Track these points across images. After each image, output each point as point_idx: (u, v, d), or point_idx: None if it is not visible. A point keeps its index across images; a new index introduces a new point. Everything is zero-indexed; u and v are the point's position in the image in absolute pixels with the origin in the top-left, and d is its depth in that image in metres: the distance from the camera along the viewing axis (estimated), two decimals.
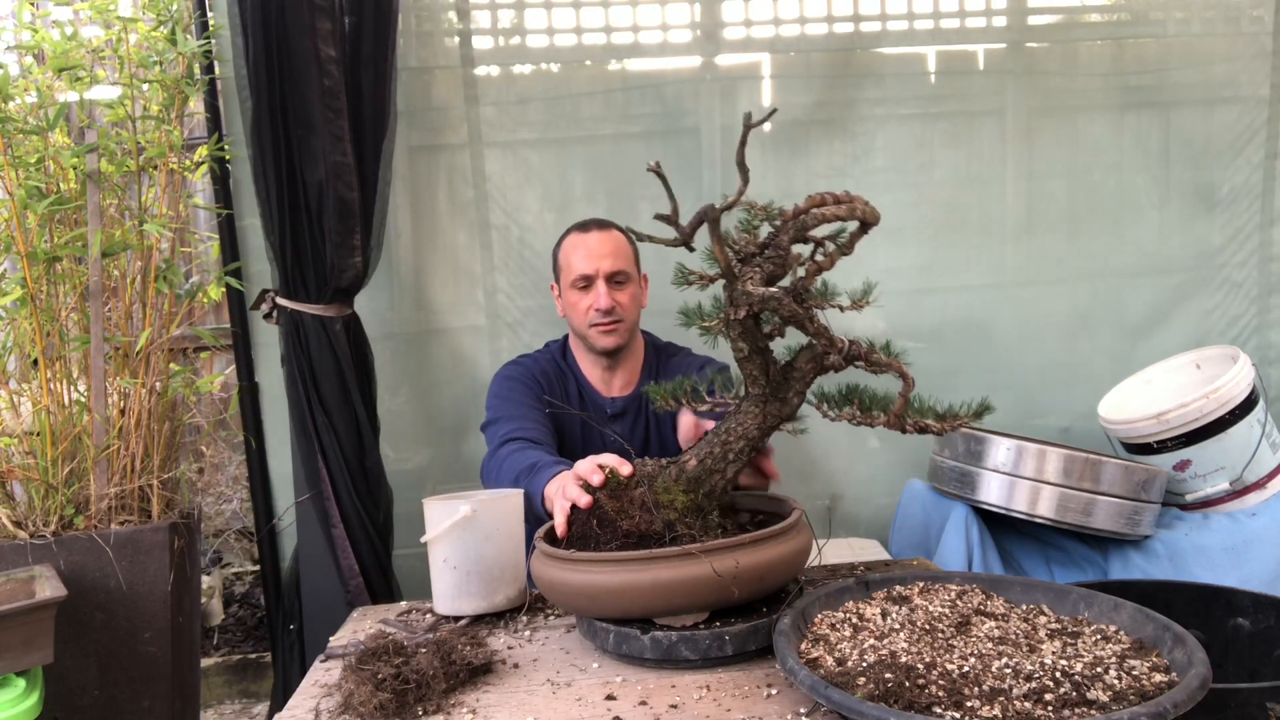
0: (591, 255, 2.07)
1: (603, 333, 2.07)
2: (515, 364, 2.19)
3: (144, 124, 2.25)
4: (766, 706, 1.16)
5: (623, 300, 2.07)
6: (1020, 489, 2.45)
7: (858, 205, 1.26)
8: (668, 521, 1.31)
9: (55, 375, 2.16)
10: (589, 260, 2.06)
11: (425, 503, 1.55)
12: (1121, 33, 2.92)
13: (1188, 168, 2.91)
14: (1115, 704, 0.99)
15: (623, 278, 2.08)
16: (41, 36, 2.15)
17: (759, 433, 1.35)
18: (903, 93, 2.82)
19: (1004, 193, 2.88)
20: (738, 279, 1.25)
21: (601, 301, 2.04)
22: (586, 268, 2.06)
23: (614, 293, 2.07)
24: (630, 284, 2.10)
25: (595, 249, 2.07)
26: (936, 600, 1.28)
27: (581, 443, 2.13)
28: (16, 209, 2.07)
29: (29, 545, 1.98)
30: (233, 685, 3.16)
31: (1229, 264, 2.94)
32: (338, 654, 1.42)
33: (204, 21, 2.40)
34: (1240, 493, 2.54)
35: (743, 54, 2.80)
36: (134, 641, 2.06)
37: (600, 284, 2.06)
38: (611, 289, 2.06)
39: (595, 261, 2.06)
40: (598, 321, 2.05)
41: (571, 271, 2.08)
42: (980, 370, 2.86)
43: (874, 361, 1.28)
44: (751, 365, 1.31)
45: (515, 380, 2.12)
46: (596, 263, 2.06)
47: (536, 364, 2.16)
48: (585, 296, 2.07)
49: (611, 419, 2.15)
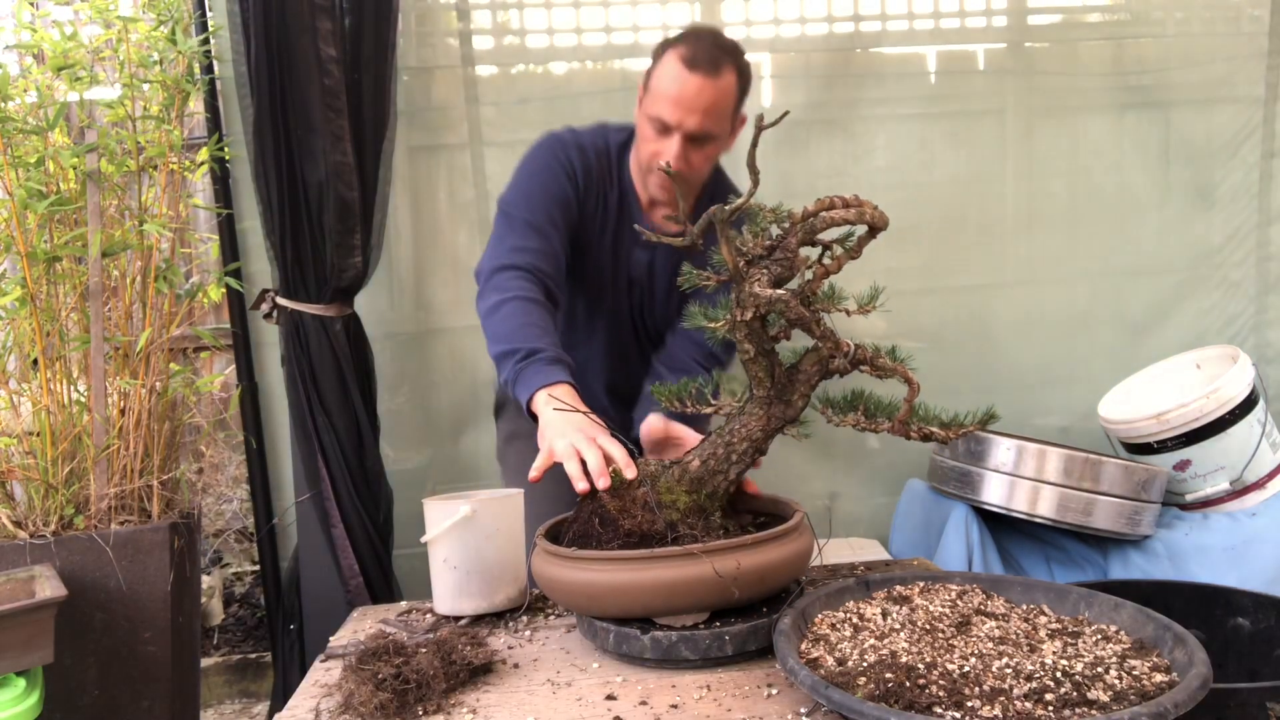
0: (680, 104, 1.69)
1: (661, 188, 1.80)
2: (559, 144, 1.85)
3: (144, 124, 2.25)
4: (767, 706, 1.16)
5: (697, 162, 1.77)
6: (1020, 489, 2.45)
7: (867, 209, 1.26)
8: (670, 521, 1.31)
9: (55, 375, 2.16)
10: (675, 108, 1.70)
11: (425, 503, 1.55)
12: (1121, 33, 2.92)
13: (1186, 167, 2.91)
14: (1116, 704, 0.99)
15: (707, 139, 1.74)
16: (41, 36, 2.15)
17: (762, 435, 1.35)
18: (903, 93, 2.82)
19: (1003, 192, 2.88)
20: (745, 280, 1.25)
21: (673, 161, 1.72)
22: (669, 115, 1.70)
23: (690, 153, 1.74)
24: (715, 142, 1.77)
25: (690, 98, 1.69)
26: (937, 600, 1.28)
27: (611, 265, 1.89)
28: (16, 209, 2.07)
29: (29, 545, 1.98)
30: (233, 685, 3.16)
31: (1227, 263, 2.95)
32: (338, 654, 1.42)
33: (204, 21, 2.40)
34: (1240, 493, 2.54)
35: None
36: (134, 641, 2.06)
37: (677, 140, 1.72)
38: (689, 148, 1.73)
39: (682, 114, 1.70)
40: (658, 178, 1.79)
41: (654, 106, 1.73)
42: (980, 370, 2.86)
43: (879, 366, 1.28)
44: (757, 367, 1.31)
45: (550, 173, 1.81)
46: (683, 116, 1.70)
47: (582, 152, 1.84)
48: (657, 141, 1.74)
49: (645, 247, 1.89)
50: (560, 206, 1.79)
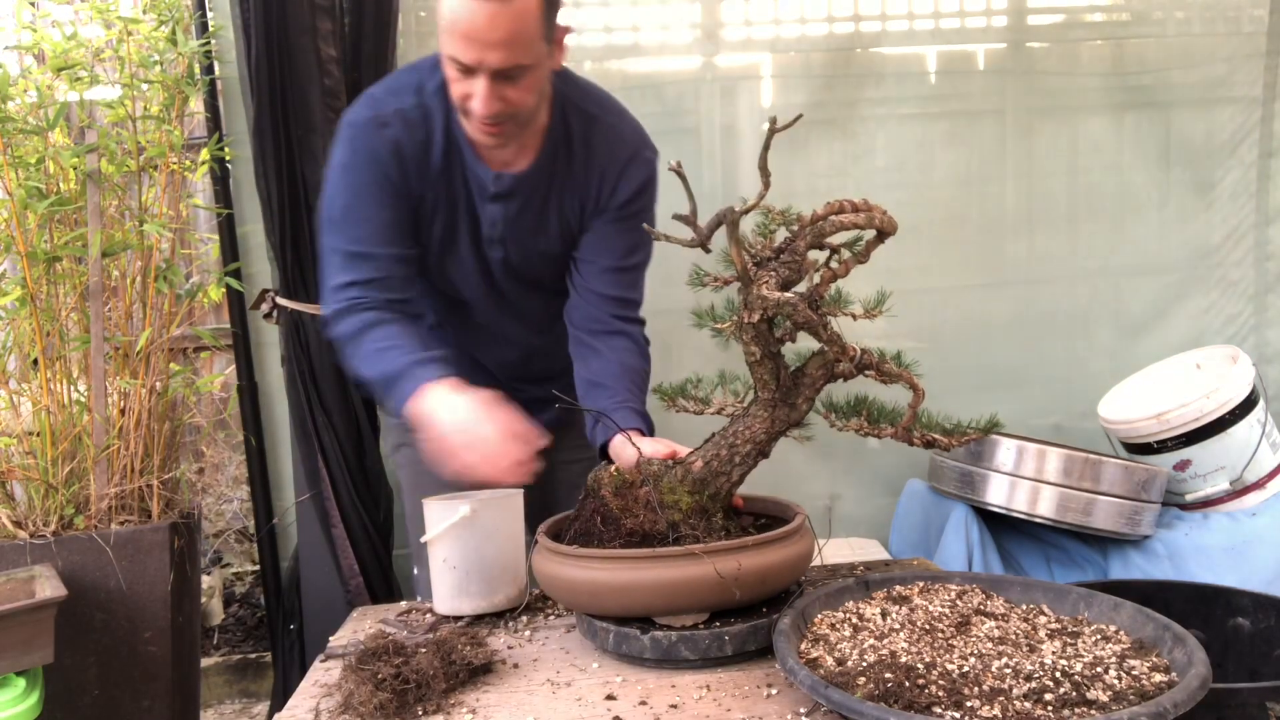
0: (474, 40, 1.40)
1: (486, 134, 1.52)
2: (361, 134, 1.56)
3: (144, 124, 2.25)
4: (766, 706, 1.16)
5: (516, 97, 1.48)
6: (1020, 489, 2.45)
7: (876, 214, 1.26)
8: (672, 522, 1.31)
9: (55, 375, 2.16)
10: (469, 46, 1.40)
11: (425, 503, 1.54)
12: (1121, 33, 2.92)
13: (1185, 167, 2.91)
14: (1115, 704, 0.99)
15: (518, 71, 1.44)
16: (41, 36, 2.15)
17: (766, 437, 1.35)
18: (903, 93, 2.82)
19: (1003, 192, 2.88)
20: (753, 282, 1.25)
21: (481, 106, 1.45)
22: (465, 55, 1.41)
23: (504, 90, 1.45)
24: (531, 73, 1.47)
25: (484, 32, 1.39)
26: (936, 600, 1.28)
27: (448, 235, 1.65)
28: (16, 209, 2.07)
29: (29, 545, 1.98)
30: (233, 685, 3.16)
31: (1225, 262, 2.95)
32: (338, 654, 1.42)
33: (204, 22, 2.40)
34: (1240, 493, 2.54)
35: (743, 54, 2.80)
36: (134, 641, 2.06)
37: (484, 81, 1.44)
38: (500, 86, 1.45)
39: (479, 52, 1.41)
40: (477, 120, 1.50)
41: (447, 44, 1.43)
42: (980, 370, 2.86)
43: (885, 371, 1.28)
44: (762, 369, 1.31)
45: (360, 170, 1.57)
46: (480, 53, 1.41)
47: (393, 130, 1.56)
48: (463, 82, 1.46)
49: (494, 199, 1.63)
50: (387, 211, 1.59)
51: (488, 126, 1.50)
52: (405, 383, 1.48)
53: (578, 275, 1.73)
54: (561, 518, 1.47)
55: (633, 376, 1.67)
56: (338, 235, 1.59)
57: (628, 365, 1.69)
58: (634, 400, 1.64)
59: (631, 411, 1.60)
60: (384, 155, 1.57)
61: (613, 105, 1.70)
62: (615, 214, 1.69)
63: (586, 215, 1.70)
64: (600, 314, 1.71)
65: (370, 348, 1.54)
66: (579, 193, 1.67)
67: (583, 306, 1.72)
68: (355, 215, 1.58)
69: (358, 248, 1.58)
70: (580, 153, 1.65)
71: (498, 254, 1.71)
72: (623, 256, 1.71)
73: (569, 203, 1.68)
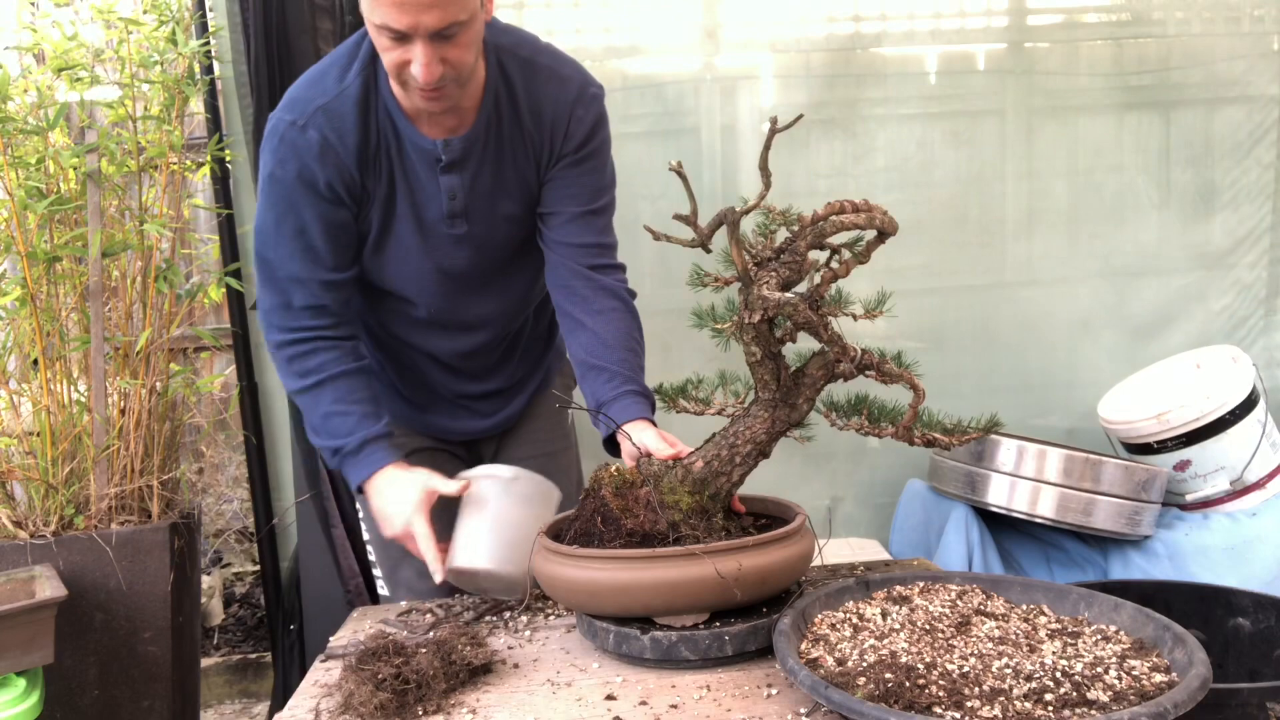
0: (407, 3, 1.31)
1: (428, 100, 1.44)
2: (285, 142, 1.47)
3: (144, 124, 2.25)
4: (766, 706, 1.16)
5: (456, 57, 1.39)
6: (1021, 489, 2.45)
7: (876, 214, 1.26)
8: (672, 522, 1.31)
9: (55, 375, 2.16)
10: (401, 12, 1.31)
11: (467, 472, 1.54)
12: (1125, 33, 2.92)
13: (1195, 168, 2.90)
14: (1115, 704, 0.99)
15: (456, 28, 1.36)
16: (41, 36, 2.15)
17: (766, 437, 1.35)
18: (903, 93, 2.82)
19: (1004, 192, 2.88)
20: (754, 283, 1.25)
21: (423, 73, 1.37)
22: (398, 21, 1.32)
23: (444, 51, 1.37)
24: (468, 29, 1.38)
25: None
26: (936, 600, 1.28)
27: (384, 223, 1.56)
28: (16, 209, 2.07)
29: (29, 545, 1.98)
30: (233, 685, 3.16)
31: (1240, 264, 2.93)
32: (338, 654, 1.42)
33: (204, 22, 2.41)
34: (1240, 493, 2.54)
35: (743, 54, 2.80)
36: (134, 641, 2.06)
37: (420, 47, 1.35)
38: (438, 48, 1.37)
39: (412, 16, 1.32)
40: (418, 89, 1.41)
41: (375, 12, 1.34)
42: (980, 370, 2.87)
43: (885, 371, 1.28)
44: (763, 370, 1.31)
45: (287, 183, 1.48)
46: (415, 17, 1.32)
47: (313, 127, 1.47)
48: (397, 49, 1.37)
49: (447, 169, 1.54)
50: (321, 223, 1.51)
51: (430, 92, 1.41)
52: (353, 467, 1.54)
53: (547, 231, 1.65)
54: (561, 518, 1.47)
55: (626, 344, 1.61)
56: (270, 253, 1.52)
57: (620, 332, 1.61)
58: (633, 381, 1.58)
59: (632, 397, 1.55)
60: (310, 161, 1.48)
61: (546, 47, 1.61)
62: (572, 158, 1.61)
63: (543, 166, 1.62)
64: (577, 266, 1.62)
65: (320, 411, 1.54)
66: (530, 143, 1.60)
67: (559, 263, 1.64)
68: (286, 231, 1.51)
69: (297, 270, 1.52)
70: (525, 101, 1.56)
71: (459, 229, 1.61)
72: (589, 200, 1.63)
73: (522, 156, 1.59)
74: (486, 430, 1.85)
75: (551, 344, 1.91)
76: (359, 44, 1.52)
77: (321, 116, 1.48)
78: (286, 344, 1.55)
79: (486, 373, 1.81)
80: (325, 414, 1.54)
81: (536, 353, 1.88)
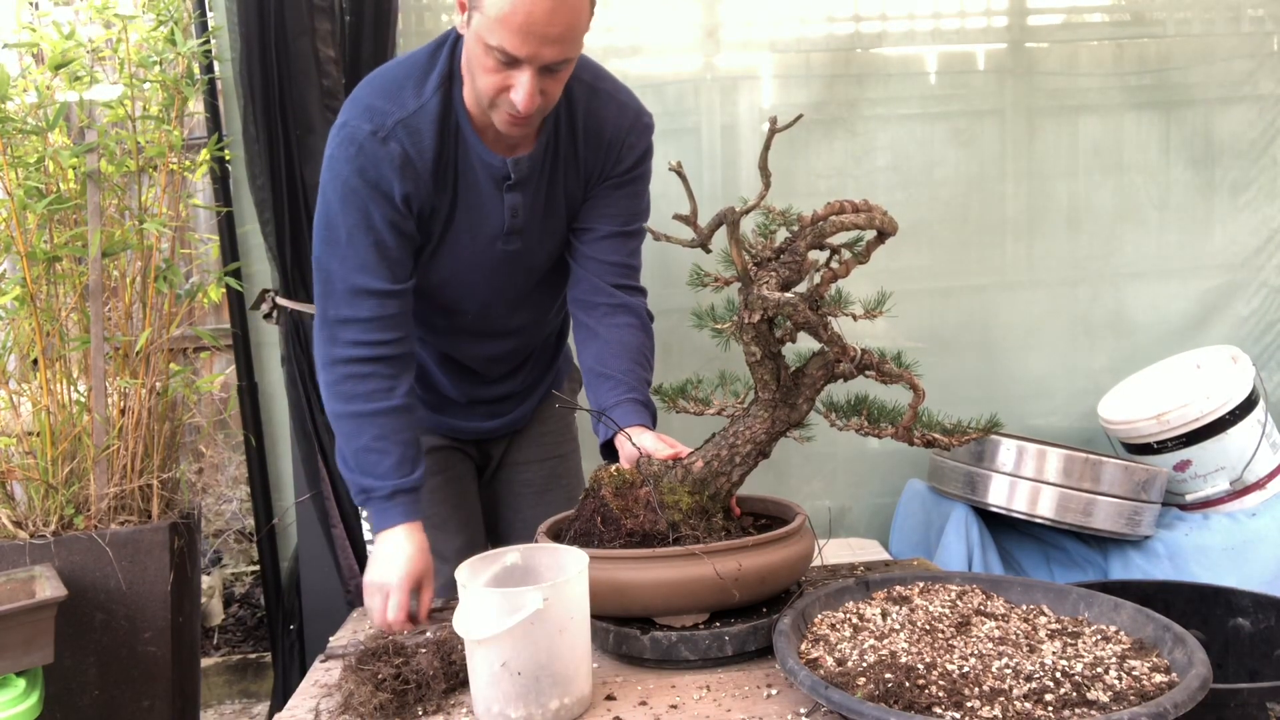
0: (531, 34, 1.33)
1: (512, 124, 1.45)
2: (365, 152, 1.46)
3: (144, 124, 2.25)
4: (766, 706, 1.16)
5: (554, 90, 1.44)
6: (1021, 489, 2.45)
7: (876, 214, 1.26)
8: (672, 522, 1.31)
9: (55, 375, 2.16)
10: (525, 40, 1.33)
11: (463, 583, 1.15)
12: (1125, 33, 2.91)
13: (1195, 168, 2.90)
14: (1115, 704, 0.99)
15: (563, 65, 1.41)
16: (40, 36, 2.15)
17: (766, 437, 1.35)
18: (903, 93, 2.82)
19: (1004, 192, 2.88)
20: (754, 283, 1.25)
21: (525, 101, 1.38)
22: (518, 48, 1.34)
23: (546, 84, 1.41)
24: (570, 65, 1.43)
25: (542, 25, 1.33)
26: (936, 600, 1.28)
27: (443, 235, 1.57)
28: (16, 209, 2.07)
29: (29, 545, 1.98)
30: (233, 685, 3.16)
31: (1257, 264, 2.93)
32: (338, 654, 1.42)
33: (204, 21, 2.41)
34: (1240, 493, 2.54)
35: (743, 54, 2.80)
36: (134, 641, 2.06)
37: (529, 75, 1.37)
38: (543, 79, 1.40)
39: (534, 46, 1.34)
40: (509, 113, 1.43)
41: (494, 33, 1.34)
42: (980, 370, 2.86)
43: (885, 371, 1.28)
44: (763, 370, 1.31)
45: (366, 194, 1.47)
46: (536, 48, 1.34)
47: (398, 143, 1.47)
48: (501, 73, 1.39)
49: (512, 188, 1.56)
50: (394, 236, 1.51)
51: (521, 119, 1.44)
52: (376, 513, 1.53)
53: (579, 245, 1.68)
54: (561, 518, 1.47)
55: (635, 358, 1.63)
56: (336, 264, 1.50)
57: (629, 345, 1.64)
58: (637, 391, 1.60)
59: (633, 405, 1.57)
60: (389, 173, 1.48)
61: (606, 73, 1.65)
62: (617, 180, 1.66)
63: (590, 186, 1.66)
64: (603, 283, 1.66)
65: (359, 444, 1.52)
66: (582, 165, 1.64)
67: (586, 278, 1.68)
68: (360, 242, 1.49)
69: (363, 281, 1.50)
70: (583, 123, 1.60)
71: (514, 245, 1.64)
72: (625, 222, 1.68)
73: (573, 177, 1.63)
74: (496, 430, 1.89)
75: (561, 349, 1.95)
76: (434, 55, 1.52)
77: (402, 131, 1.48)
78: (344, 360, 1.52)
79: (503, 378, 1.84)
80: (363, 448, 1.52)
81: (547, 358, 1.92)
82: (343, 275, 1.51)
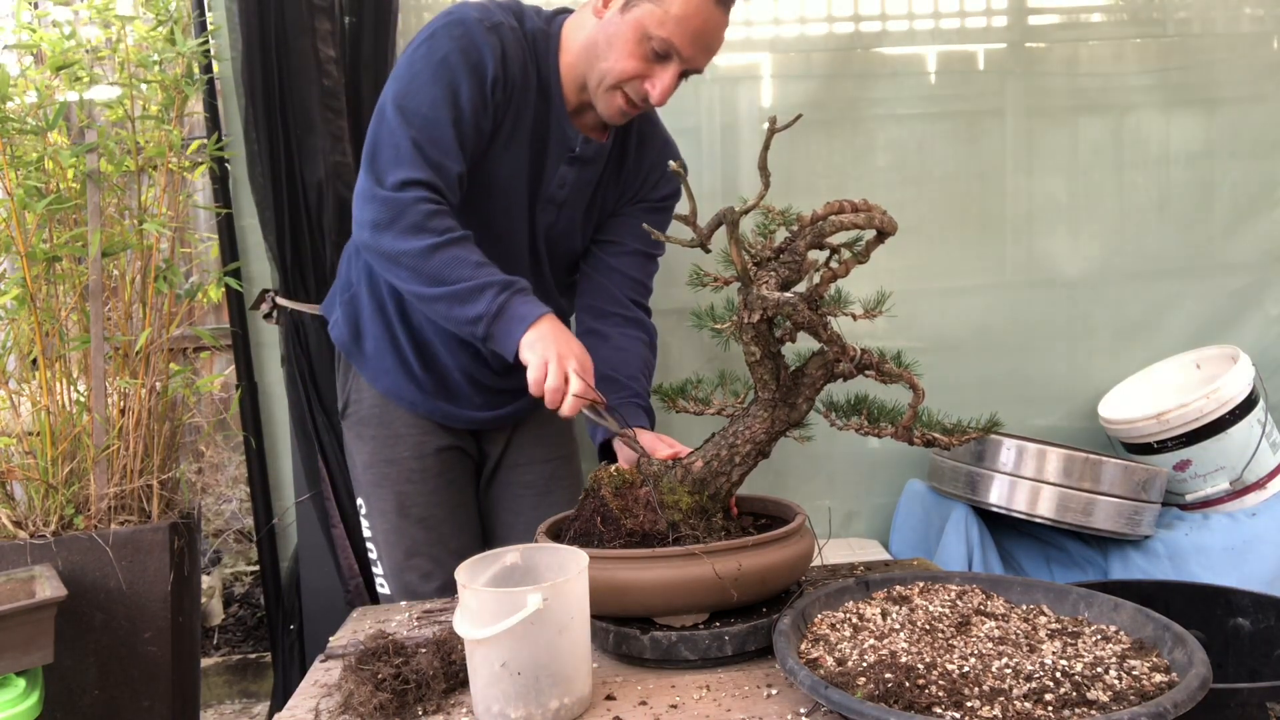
0: (701, 39, 1.46)
1: (627, 111, 1.56)
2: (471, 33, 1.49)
3: (143, 124, 2.25)
4: (766, 706, 1.16)
5: (673, 92, 1.55)
6: (1020, 489, 2.45)
7: (875, 214, 1.26)
8: (672, 522, 1.31)
9: (55, 375, 2.16)
10: (694, 42, 1.46)
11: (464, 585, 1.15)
12: (1125, 33, 2.91)
13: (1195, 168, 2.89)
14: (1115, 704, 0.99)
15: (694, 74, 1.56)
16: (40, 36, 2.15)
17: (766, 437, 1.35)
18: (903, 92, 2.81)
19: (1004, 192, 2.88)
20: (753, 283, 1.25)
21: (659, 95, 1.50)
22: (685, 47, 1.46)
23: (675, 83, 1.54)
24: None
25: (711, 34, 1.46)
26: (936, 600, 1.28)
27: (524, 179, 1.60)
28: (16, 209, 2.07)
29: (29, 545, 1.98)
30: (233, 685, 3.16)
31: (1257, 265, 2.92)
32: (338, 654, 1.42)
33: (203, 21, 2.40)
34: (1240, 493, 2.54)
35: (743, 54, 2.80)
36: (134, 641, 2.06)
37: (673, 72, 1.49)
38: (677, 79, 1.53)
39: (697, 50, 1.48)
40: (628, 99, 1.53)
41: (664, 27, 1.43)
42: (980, 370, 2.86)
43: (885, 371, 1.28)
44: (762, 369, 1.31)
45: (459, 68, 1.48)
46: (697, 52, 1.48)
47: (500, 39, 1.51)
48: (646, 64, 1.49)
49: (571, 161, 1.63)
50: (471, 117, 1.51)
51: (637, 110, 1.55)
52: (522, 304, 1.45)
53: (603, 256, 1.78)
54: (561, 518, 1.47)
55: (640, 369, 1.71)
56: (414, 128, 1.47)
57: (638, 356, 1.72)
58: (638, 396, 1.66)
59: (634, 408, 1.62)
60: (488, 57, 1.49)
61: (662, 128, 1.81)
62: (650, 204, 1.77)
63: (621, 201, 1.76)
64: (620, 295, 1.75)
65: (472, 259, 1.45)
66: (625, 181, 1.74)
67: (605, 287, 1.75)
68: (442, 116, 1.48)
69: (433, 152, 1.48)
70: (635, 144, 1.72)
71: (549, 218, 1.68)
72: (651, 244, 1.77)
73: (613, 188, 1.74)
74: (493, 422, 1.88)
75: None
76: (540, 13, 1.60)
77: (508, 33, 1.53)
78: (421, 201, 1.46)
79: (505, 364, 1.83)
80: (477, 262, 1.46)
81: None
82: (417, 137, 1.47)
